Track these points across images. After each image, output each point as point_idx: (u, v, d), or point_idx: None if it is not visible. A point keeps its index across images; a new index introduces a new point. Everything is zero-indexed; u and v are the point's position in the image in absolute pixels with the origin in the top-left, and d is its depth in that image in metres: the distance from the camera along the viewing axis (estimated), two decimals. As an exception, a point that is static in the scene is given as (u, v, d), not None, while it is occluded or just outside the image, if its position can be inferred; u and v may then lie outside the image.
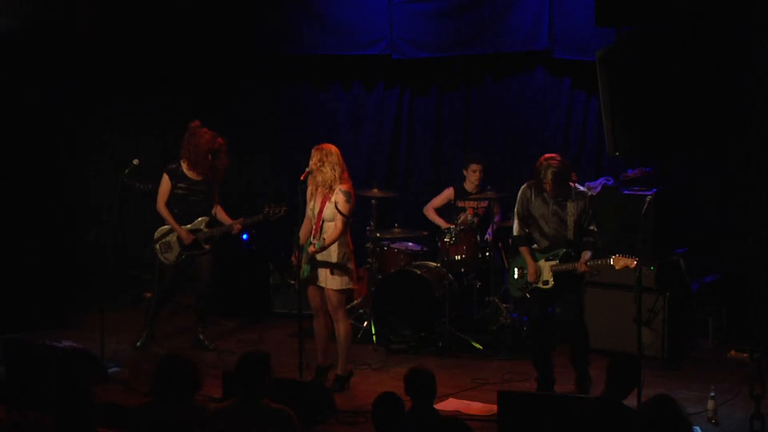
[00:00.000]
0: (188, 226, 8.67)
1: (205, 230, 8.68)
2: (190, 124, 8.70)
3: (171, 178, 8.65)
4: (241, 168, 10.81)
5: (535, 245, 7.60)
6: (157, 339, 8.96)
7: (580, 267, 7.46)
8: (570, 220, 7.48)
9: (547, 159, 7.46)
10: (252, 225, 8.78)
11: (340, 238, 7.64)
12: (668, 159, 9.34)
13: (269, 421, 5.31)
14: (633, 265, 7.37)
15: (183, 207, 8.68)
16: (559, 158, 7.47)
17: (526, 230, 7.62)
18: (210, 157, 8.61)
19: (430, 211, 9.62)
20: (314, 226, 7.69)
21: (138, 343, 8.75)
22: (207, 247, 8.70)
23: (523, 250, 7.62)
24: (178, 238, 8.65)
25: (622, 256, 7.41)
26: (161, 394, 5.41)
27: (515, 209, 7.70)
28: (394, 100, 10.49)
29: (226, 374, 6.92)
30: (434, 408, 5.57)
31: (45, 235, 9.80)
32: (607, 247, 7.64)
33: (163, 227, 8.73)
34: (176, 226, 8.64)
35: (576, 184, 7.63)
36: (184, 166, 8.65)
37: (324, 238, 7.58)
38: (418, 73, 10.25)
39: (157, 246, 8.73)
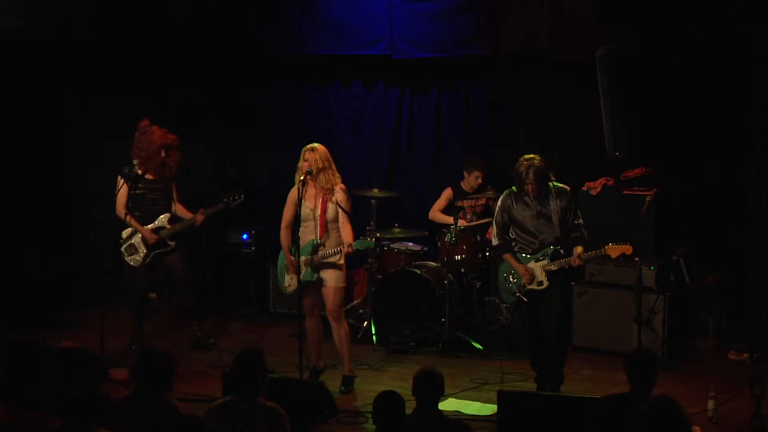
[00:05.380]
0: (150, 225, 8.67)
1: (168, 227, 8.70)
2: (139, 123, 8.72)
3: (127, 181, 8.63)
4: (240, 167, 10.81)
5: (518, 249, 7.60)
6: (152, 338, 8.97)
7: (574, 262, 7.47)
8: (555, 218, 7.49)
9: (527, 159, 7.47)
10: (213, 215, 8.76)
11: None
12: (668, 159, 9.34)
13: (262, 418, 5.33)
14: (629, 251, 7.38)
15: (144, 208, 8.68)
16: (539, 158, 7.49)
17: (506, 237, 7.64)
18: (163, 153, 8.63)
19: (436, 214, 9.59)
20: (318, 229, 7.69)
21: (133, 346, 8.76)
22: (172, 243, 8.72)
23: (507, 256, 7.63)
24: (143, 238, 8.66)
25: (616, 245, 7.43)
26: (138, 387, 5.47)
27: (494, 219, 7.71)
28: (394, 100, 10.48)
29: (226, 374, 6.91)
30: (439, 409, 5.56)
31: (45, 235, 9.80)
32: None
33: (125, 230, 8.72)
34: (139, 227, 8.65)
35: (555, 182, 7.62)
36: (137, 167, 8.64)
37: (351, 243, 7.56)
38: (418, 73, 10.24)
39: (123, 249, 8.73)
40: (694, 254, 9.08)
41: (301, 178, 7.65)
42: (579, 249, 7.47)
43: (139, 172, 8.62)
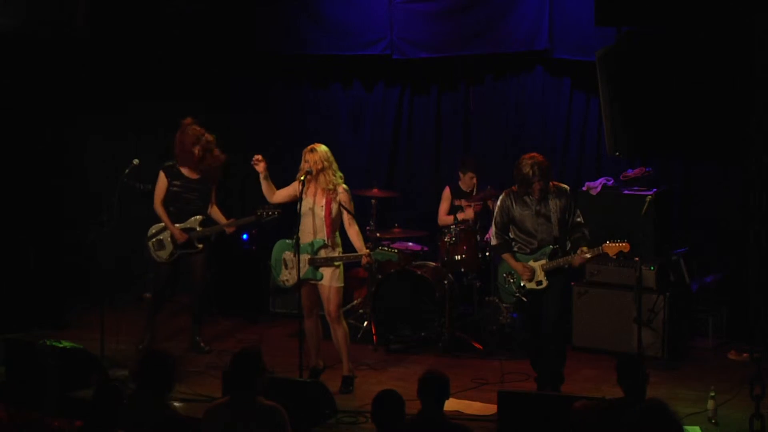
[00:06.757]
0: (181, 225, 8.68)
1: (199, 229, 8.69)
2: (182, 120, 8.72)
3: (167, 176, 8.67)
4: (240, 168, 10.80)
5: (517, 248, 7.60)
6: (157, 340, 8.96)
7: (581, 259, 7.46)
8: (554, 218, 7.50)
9: (531, 157, 7.46)
10: (244, 226, 8.77)
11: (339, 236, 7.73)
12: (668, 158, 9.34)
13: (262, 417, 5.34)
14: (627, 249, 7.39)
15: (178, 205, 8.69)
16: (541, 156, 7.48)
17: (505, 237, 7.65)
18: (198, 152, 8.60)
19: (443, 219, 9.56)
20: (325, 228, 7.69)
21: (140, 346, 8.74)
22: (200, 246, 8.70)
23: (506, 256, 7.64)
24: (172, 236, 8.66)
25: (613, 243, 7.44)
26: (140, 387, 5.49)
27: (494, 219, 7.71)
28: (394, 100, 10.49)
29: (226, 374, 6.91)
30: (444, 413, 5.56)
31: (45, 235, 9.80)
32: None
33: (157, 224, 8.74)
34: (170, 224, 8.65)
35: (555, 182, 7.62)
36: (179, 164, 8.67)
37: (369, 253, 7.64)
38: (418, 73, 10.25)
39: (151, 243, 8.74)
40: (694, 254, 9.08)
41: (302, 178, 7.68)
42: (584, 248, 7.46)
43: (183, 172, 8.64)
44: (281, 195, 7.92)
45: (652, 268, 8.58)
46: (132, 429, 5.24)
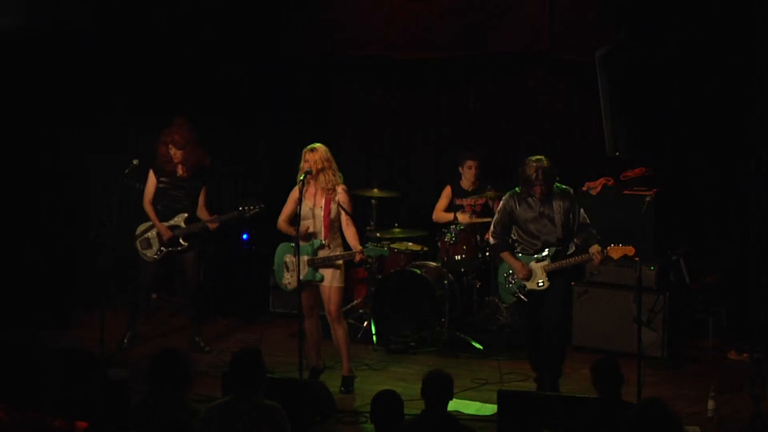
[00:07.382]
0: (167, 222, 8.69)
1: (183, 227, 8.70)
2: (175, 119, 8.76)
3: (155, 173, 8.69)
4: (239, 168, 10.81)
5: (520, 250, 7.60)
6: (151, 338, 8.97)
7: (596, 259, 7.46)
8: (557, 219, 7.49)
9: (537, 160, 7.45)
10: (227, 222, 8.76)
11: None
12: (668, 158, 9.35)
13: (262, 417, 5.33)
14: (632, 253, 7.38)
15: (165, 202, 8.70)
16: (546, 158, 7.48)
17: (504, 237, 7.64)
18: (172, 149, 8.60)
19: (439, 215, 9.56)
20: (323, 229, 7.69)
21: (123, 344, 8.71)
22: (185, 244, 8.70)
23: (505, 255, 7.64)
24: (158, 234, 8.67)
25: (617, 246, 7.43)
26: (155, 388, 5.46)
27: (495, 218, 7.71)
28: (394, 100, 10.48)
29: (226, 374, 6.91)
30: (447, 413, 5.54)
31: (45, 234, 9.80)
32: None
33: (144, 223, 8.76)
34: (156, 221, 8.67)
35: (558, 184, 7.62)
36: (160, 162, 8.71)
37: (362, 250, 7.62)
38: (418, 73, 10.24)
39: (138, 242, 8.76)
40: (694, 254, 9.08)
41: (301, 177, 7.67)
42: (597, 247, 7.45)
43: (173, 168, 8.68)
44: (289, 209, 7.84)
45: (652, 268, 8.58)
46: (147, 430, 5.23)
